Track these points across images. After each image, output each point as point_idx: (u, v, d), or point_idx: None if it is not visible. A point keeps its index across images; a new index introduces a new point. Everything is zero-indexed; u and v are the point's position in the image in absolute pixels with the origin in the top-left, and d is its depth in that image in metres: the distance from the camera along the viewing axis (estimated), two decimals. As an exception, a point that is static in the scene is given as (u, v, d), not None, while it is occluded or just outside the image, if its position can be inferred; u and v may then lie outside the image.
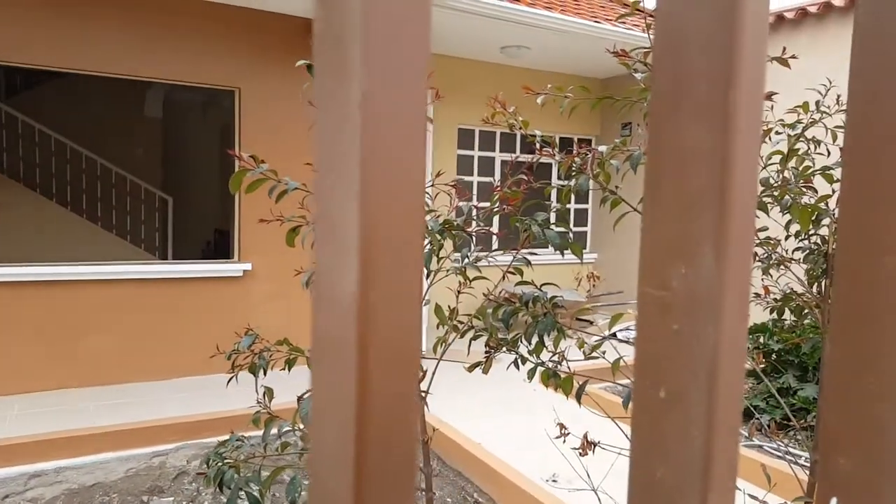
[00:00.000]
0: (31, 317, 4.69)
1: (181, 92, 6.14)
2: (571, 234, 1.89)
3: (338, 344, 0.29)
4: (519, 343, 1.69)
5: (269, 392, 1.71)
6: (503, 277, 1.78)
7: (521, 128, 2.05)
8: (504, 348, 1.70)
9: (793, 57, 1.84)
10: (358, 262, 0.28)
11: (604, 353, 1.67)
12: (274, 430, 1.70)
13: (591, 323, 3.48)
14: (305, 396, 1.50)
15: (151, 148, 7.92)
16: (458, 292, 1.78)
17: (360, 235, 0.28)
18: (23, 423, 4.04)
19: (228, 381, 1.75)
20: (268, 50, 5.44)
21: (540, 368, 1.63)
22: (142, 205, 7.06)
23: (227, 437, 1.77)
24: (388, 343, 0.29)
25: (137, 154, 7.53)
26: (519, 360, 1.68)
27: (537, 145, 2.04)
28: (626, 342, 1.68)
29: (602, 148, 1.90)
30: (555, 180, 7.56)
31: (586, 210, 8.32)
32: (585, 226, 8.36)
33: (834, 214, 1.99)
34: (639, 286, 0.36)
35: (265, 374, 1.80)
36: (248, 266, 5.49)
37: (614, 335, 3.86)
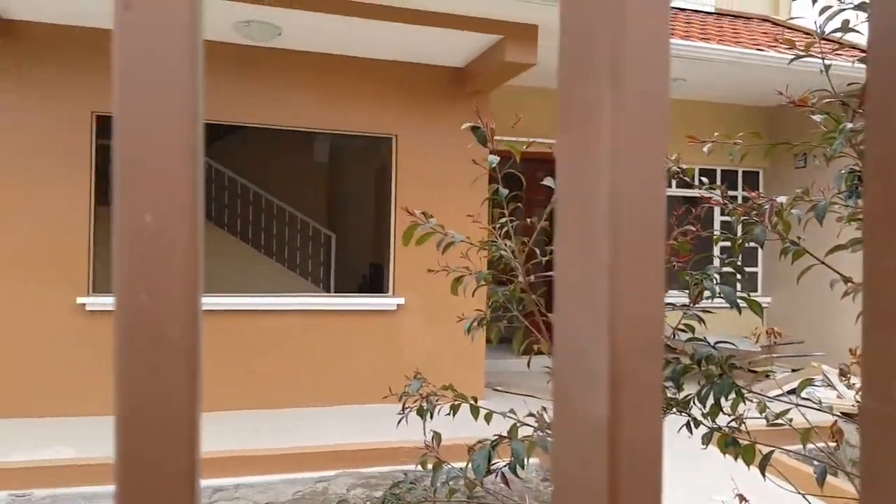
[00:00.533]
0: (214, 341, 5.24)
1: (344, 139, 6.67)
2: (743, 277, 1.77)
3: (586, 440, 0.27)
4: (692, 404, 1.62)
5: (437, 437, 1.77)
6: (672, 335, 1.72)
7: (679, 170, 1.97)
8: (674, 409, 1.63)
9: None
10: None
11: (790, 420, 1.54)
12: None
13: (768, 376, 3.22)
14: (477, 448, 1.53)
15: (318, 189, 8.67)
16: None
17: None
18: (205, 439, 4.50)
19: (398, 423, 1.84)
20: (421, 99, 5.75)
21: (716, 434, 1.54)
22: (309, 241, 7.70)
23: (388, 468, 1.86)
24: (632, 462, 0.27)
25: (306, 195, 8.24)
26: (691, 423, 1.61)
27: (696, 183, 1.96)
28: (817, 408, 1.53)
29: (781, 199, 1.79)
30: (717, 221, 7.12)
31: (755, 247, 7.75)
32: (755, 265, 7.76)
33: None
34: (862, 397, 0.31)
35: (431, 417, 1.87)
36: (401, 300, 5.74)
37: (791, 392, 3.52)
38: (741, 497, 1.71)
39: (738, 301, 1.61)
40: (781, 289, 7.35)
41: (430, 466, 1.77)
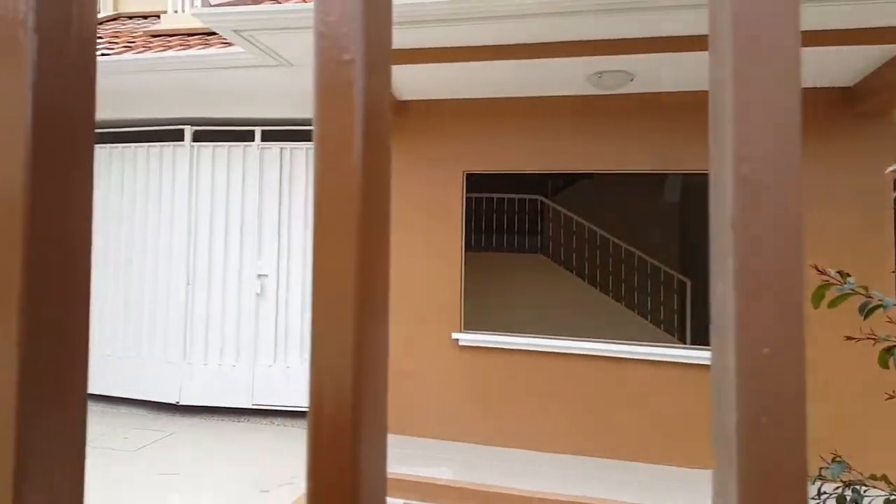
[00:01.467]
0: (568, 384, 5.34)
1: (697, 177, 6.27)
2: None
3: None
4: None
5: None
6: None
7: None
8: None
9: None
10: None
11: None
12: None
13: None
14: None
15: (668, 231, 8.31)
16: None
17: None
18: (551, 480, 4.58)
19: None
20: (804, 127, 5.05)
21: None
22: (661, 286, 7.40)
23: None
24: None
25: (655, 237, 7.98)
26: None
27: None
28: None
29: None
30: None
31: None
32: None
33: None
34: None
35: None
36: (769, 358, 5.05)
37: None
38: None
39: None
40: None
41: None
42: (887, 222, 4.89)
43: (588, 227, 7.59)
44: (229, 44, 5.26)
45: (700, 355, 5.38)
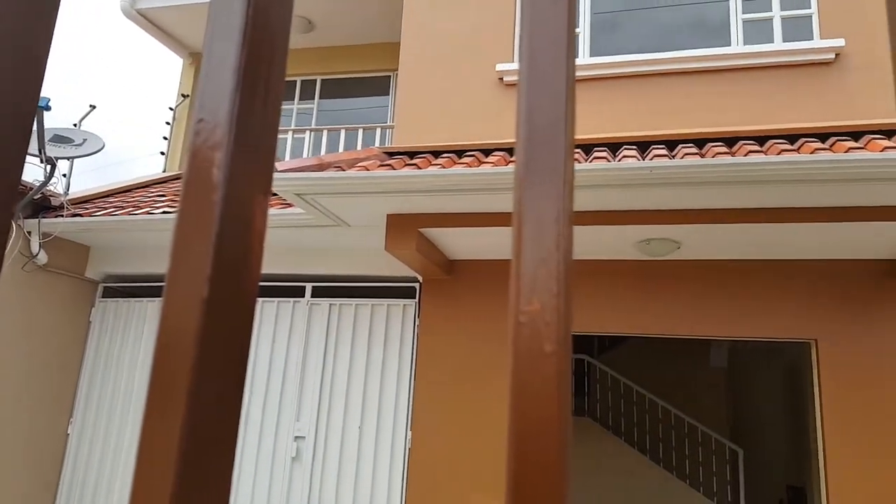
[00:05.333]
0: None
1: (745, 342, 6.15)
2: None
3: None
4: None
5: None
6: None
7: None
8: None
9: None
10: None
11: None
12: None
13: None
14: None
15: (717, 397, 8.01)
16: None
17: None
18: None
19: None
20: (847, 297, 5.03)
21: None
22: (712, 455, 6.99)
23: None
24: None
25: (704, 403, 7.68)
26: None
27: None
28: None
29: None
30: None
31: None
32: None
33: None
34: None
35: None
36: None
37: None
38: None
39: None
40: None
41: None
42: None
43: (635, 390, 7.35)
44: (288, 204, 5.53)
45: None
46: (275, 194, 5.90)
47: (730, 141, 4.66)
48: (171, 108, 8.72)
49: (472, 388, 5.61)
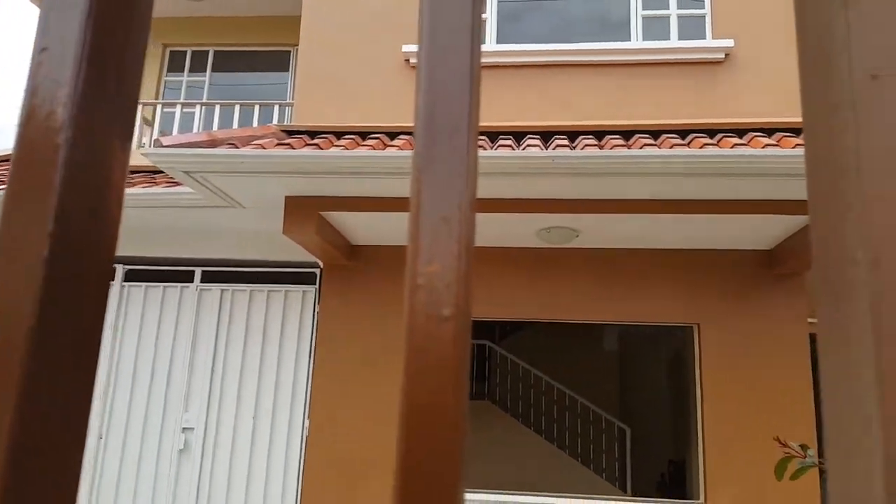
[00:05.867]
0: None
1: (634, 327, 6.46)
2: None
3: None
4: None
5: None
6: None
7: None
8: None
9: None
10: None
11: None
12: None
13: None
14: None
15: (608, 378, 8.39)
16: None
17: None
18: None
19: None
20: (724, 286, 5.37)
21: None
22: (602, 434, 7.32)
23: None
24: None
25: (599, 386, 8.02)
26: None
27: None
28: None
29: None
30: None
31: None
32: None
33: None
34: None
35: None
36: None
37: None
38: None
39: None
40: None
41: None
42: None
43: (533, 374, 7.55)
44: (176, 183, 5.16)
45: (651, 512, 5.21)
46: (161, 171, 5.49)
47: (626, 134, 4.80)
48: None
49: (373, 374, 5.52)
